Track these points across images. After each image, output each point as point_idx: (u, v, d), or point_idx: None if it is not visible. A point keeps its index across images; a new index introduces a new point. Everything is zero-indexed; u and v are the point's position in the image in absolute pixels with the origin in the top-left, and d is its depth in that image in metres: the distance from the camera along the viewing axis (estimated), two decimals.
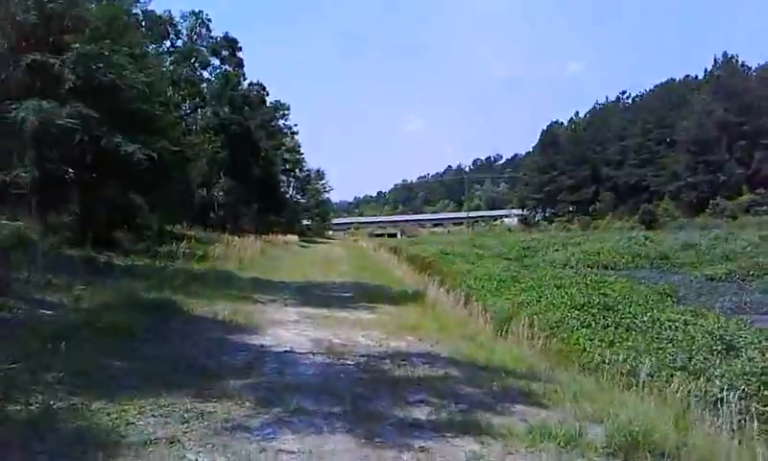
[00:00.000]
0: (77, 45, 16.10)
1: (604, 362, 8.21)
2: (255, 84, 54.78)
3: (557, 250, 40.23)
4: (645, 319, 12.78)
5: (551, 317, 13.32)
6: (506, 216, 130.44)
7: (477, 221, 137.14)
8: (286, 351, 8.06)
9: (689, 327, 11.92)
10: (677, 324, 12.19)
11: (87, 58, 16.39)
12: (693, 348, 10.15)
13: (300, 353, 8.00)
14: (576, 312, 13.76)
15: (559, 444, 4.88)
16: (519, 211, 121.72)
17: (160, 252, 21.13)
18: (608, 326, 12.35)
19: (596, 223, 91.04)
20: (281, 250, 36.16)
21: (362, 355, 8.02)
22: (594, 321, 12.87)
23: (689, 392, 6.25)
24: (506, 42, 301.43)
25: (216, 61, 44.94)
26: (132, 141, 18.71)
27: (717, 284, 22.34)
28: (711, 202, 74.73)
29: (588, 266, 28.96)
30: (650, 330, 11.81)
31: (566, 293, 16.80)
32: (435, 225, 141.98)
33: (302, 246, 48.39)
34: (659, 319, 12.76)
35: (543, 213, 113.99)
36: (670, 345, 10.42)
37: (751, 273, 23.37)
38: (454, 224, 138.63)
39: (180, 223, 36.75)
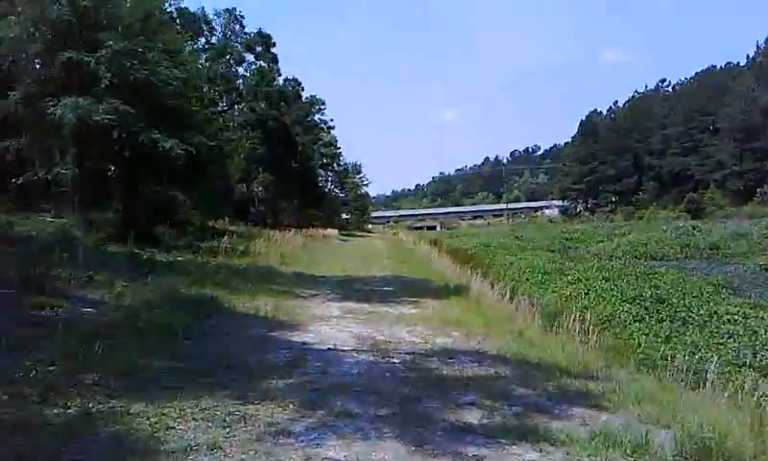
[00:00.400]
0: (111, 43, 16.12)
1: (663, 359, 7.76)
2: (291, 80, 54.95)
3: (601, 241, 39.29)
4: (702, 312, 12.23)
5: (601, 311, 12.86)
6: (546, 207, 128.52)
7: (517, 213, 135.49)
8: (329, 349, 7.82)
9: (749, 320, 11.35)
10: (736, 317, 11.62)
11: (122, 55, 16.41)
12: (757, 343, 9.59)
13: (344, 351, 7.75)
14: (627, 305, 13.26)
15: (625, 451, 4.53)
16: (560, 202, 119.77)
17: (202, 247, 21.16)
18: (662, 319, 11.85)
19: (640, 213, 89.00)
20: (322, 244, 36.09)
21: (407, 353, 7.73)
22: (648, 314, 12.37)
23: (764, 393, 5.78)
24: (542, 31, 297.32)
25: (251, 57, 45.08)
26: (168, 137, 18.82)
27: None
28: (759, 190, 72.28)
29: (635, 257, 28.13)
30: (708, 324, 11.27)
31: (615, 285, 16.26)
32: (474, 217, 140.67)
33: (342, 240, 48.33)
34: (716, 312, 12.19)
35: (585, 204, 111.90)
36: (731, 340, 9.89)
37: None
38: (494, 216, 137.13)
39: (220, 218, 36.98)
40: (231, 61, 44.09)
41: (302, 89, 57.26)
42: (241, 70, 45.09)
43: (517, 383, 6.46)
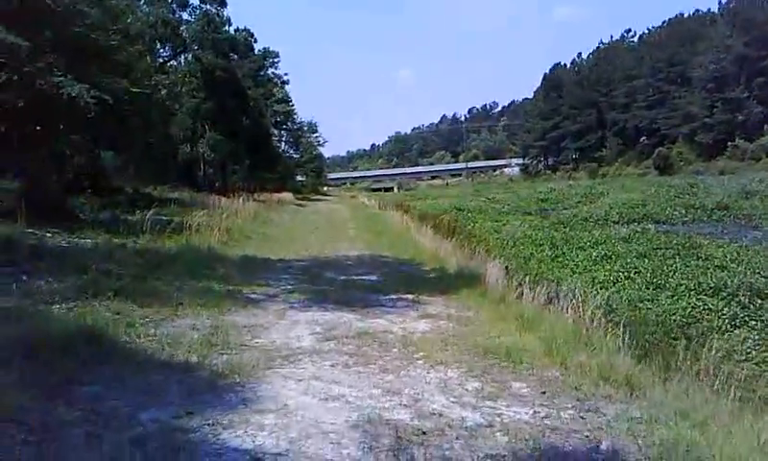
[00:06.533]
0: None
1: None
2: (242, 31, 49.65)
3: (579, 202, 35.90)
4: None
5: (678, 309, 9.15)
6: (506, 166, 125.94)
7: (476, 172, 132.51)
8: None
9: None
10: None
11: None
12: None
13: None
14: (709, 300, 9.55)
15: None
16: (520, 160, 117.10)
17: (128, 221, 16.77)
18: None
19: (604, 170, 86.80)
20: (276, 212, 31.68)
21: None
22: (750, 316, 8.67)
23: None
24: None
25: (196, 1, 39.79)
26: (78, 80, 14.39)
27: None
28: (730, 144, 70.19)
29: (636, 221, 24.60)
30: None
31: (662, 265, 12.57)
32: (433, 177, 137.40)
33: (299, 205, 44.00)
34: None
35: (546, 162, 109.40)
36: None
37: None
38: (452, 175, 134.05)
39: (161, 184, 32.30)
40: (174, 6, 38.76)
41: (255, 41, 51.95)
42: (185, 16, 39.84)
43: None
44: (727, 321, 8.72)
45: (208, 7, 40.29)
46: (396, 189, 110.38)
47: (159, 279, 9.57)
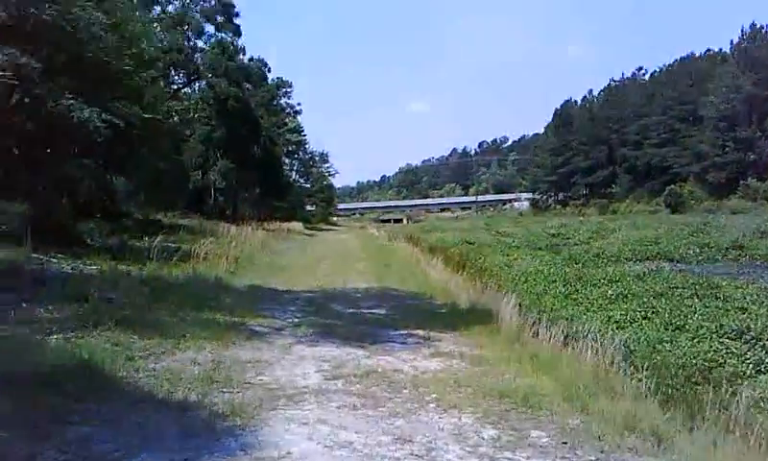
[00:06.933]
0: None
1: None
2: (256, 60, 50.02)
3: (590, 238, 35.51)
4: None
5: (700, 356, 8.77)
6: (515, 200, 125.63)
7: (485, 205, 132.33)
8: None
9: None
10: None
11: None
12: None
13: None
14: (732, 343, 9.17)
15: None
16: (530, 195, 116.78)
17: (135, 248, 16.61)
18: None
19: (614, 206, 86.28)
20: (285, 241, 31.47)
21: None
22: None
23: None
24: (512, 24, 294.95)
25: (211, 29, 40.06)
26: (89, 104, 14.31)
27: None
28: (742, 183, 69.59)
29: (649, 259, 24.22)
30: None
31: (678, 306, 12.20)
32: (442, 210, 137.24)
33: (308, 235, 43.79)
34: None
35: (556, 197, 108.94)
36: None
37: None
38: (462, 208, 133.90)
39: (171, 210, 32.28)
40: (189, 33, 39.02)
41: (269, 71, 52.28)
42: (200, 44, 40.12)
43: None
44: (751, 366, 8.34)
45: (223, 35, 40.58)
46: (405, 221, 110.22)
47: (163, 309, 9.31)
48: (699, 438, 5.40)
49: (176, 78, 38.81)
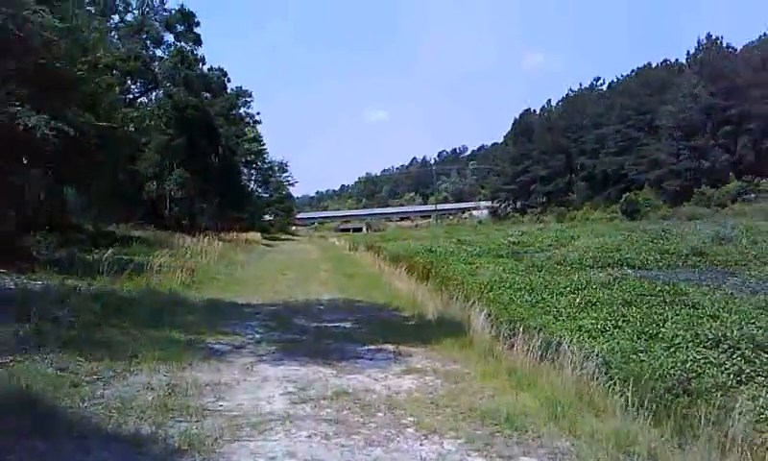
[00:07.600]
0: None
1: None
2: (216, 70, 49.13)
3: (550, 245, 35.54)
4: None
5: (677, 366, 8.51)
6: (475, 208, 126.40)
7: (445, 214, 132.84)
8: None
9: None
10: None
11: None
12: None
13: None
14: (712, 353, 8.94)
15: None
16: (489, 203, 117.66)
17: (86, 261, 15.81)
18: None
19: (572, 214, 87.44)
20: (244, 252, 30.71)
21: None
22: (761, 373, 8.07)
23: None
24: (473, 34, 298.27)
25: (170, 38, 39.15)
26: (39, 112, 13.62)
27: None
28: (696, 190, 71.19)
29: (610, 265, 24.18)
30: None
31: (648, 314, 11.99)
32: (402, 218, 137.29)
33: (267, 245, 43.02)
34: None
35: (515, 205, 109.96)
36: None
37: None
38: (422, 217, 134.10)
39: (125, 221, 31.17)
40: (148, 42, 38.03)
41: (229, 80, 51.44)
42: (159, 53, 39.14)
43: None
44: (732, 376, 8.10)
45: (183, 44, 39.70)
46: (365, 229, 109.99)
47: (115, 327, 8.69)
48: (691, 458, 5.10)
49: (133, 87, 37.81)
